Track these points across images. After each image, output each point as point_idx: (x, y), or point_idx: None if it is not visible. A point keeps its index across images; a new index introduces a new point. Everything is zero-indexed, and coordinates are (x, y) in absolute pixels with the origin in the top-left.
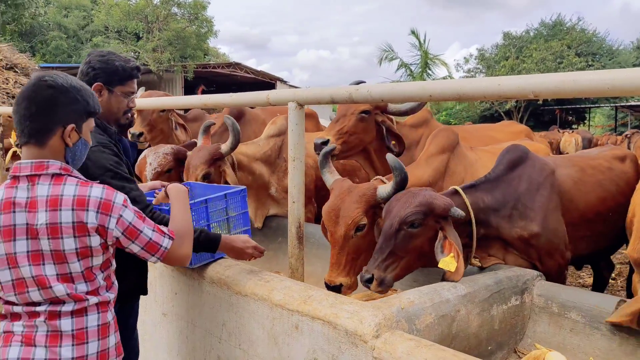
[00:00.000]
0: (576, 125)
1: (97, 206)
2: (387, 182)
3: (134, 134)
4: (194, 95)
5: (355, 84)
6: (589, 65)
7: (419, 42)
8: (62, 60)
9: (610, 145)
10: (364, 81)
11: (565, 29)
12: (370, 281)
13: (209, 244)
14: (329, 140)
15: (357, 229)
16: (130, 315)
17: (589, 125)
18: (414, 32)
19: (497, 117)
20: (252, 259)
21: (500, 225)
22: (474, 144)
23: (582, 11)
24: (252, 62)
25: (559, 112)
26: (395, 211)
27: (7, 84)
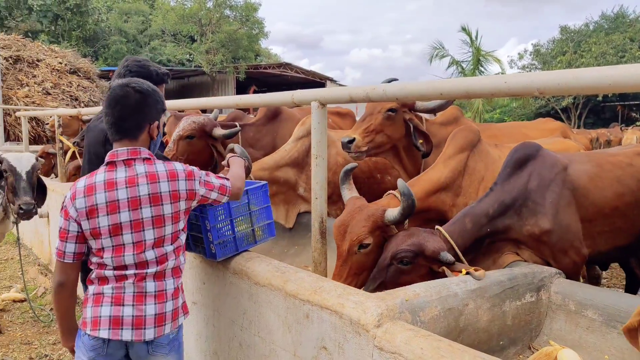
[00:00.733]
0: None
1: (185, 176)
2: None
3: None
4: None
5: (387, 82)
6: None
7: (470, 38)
8: None
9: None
10: (397, 79)
11: (628, 21)
12: None
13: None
14: (355, 138)
15: (361, 246)
16: None
17: None
18: (464, 29)
19: (554, 114)
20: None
21: (510, 226)
22: (505, 141)
23: None
24: (304, 62)
25: (621, 108)
26: (390, 246)
27: (71, 87)
